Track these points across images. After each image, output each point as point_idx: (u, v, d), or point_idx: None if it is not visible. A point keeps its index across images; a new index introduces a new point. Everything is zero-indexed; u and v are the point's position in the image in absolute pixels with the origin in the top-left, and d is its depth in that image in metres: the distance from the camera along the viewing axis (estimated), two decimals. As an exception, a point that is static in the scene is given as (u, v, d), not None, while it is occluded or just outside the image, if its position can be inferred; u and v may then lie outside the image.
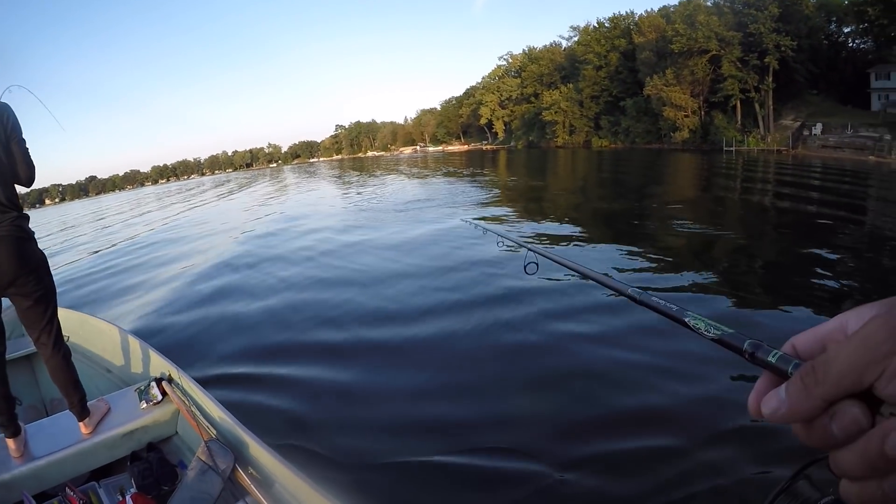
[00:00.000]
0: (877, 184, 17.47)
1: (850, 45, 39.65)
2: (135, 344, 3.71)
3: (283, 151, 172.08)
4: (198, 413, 2.75)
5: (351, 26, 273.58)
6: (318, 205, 18.93)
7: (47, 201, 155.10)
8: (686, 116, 38.41)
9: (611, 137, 47.83)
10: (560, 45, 63.34)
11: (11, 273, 2.42)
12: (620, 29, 51.61)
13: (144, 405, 2.95)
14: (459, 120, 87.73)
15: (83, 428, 2.74)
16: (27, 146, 2.59)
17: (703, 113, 38.86)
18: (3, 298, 2.56)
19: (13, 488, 2.45)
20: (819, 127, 32.00)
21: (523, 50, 69.11)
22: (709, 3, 40.01)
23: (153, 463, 2.74)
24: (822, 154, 29.15)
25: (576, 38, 57.78)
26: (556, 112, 53.47)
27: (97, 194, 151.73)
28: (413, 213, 13.52)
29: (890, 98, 32.47)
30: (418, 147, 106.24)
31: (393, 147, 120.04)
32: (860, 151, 27.70)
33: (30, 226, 2.56)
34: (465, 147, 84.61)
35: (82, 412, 2.74)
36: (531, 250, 1.38)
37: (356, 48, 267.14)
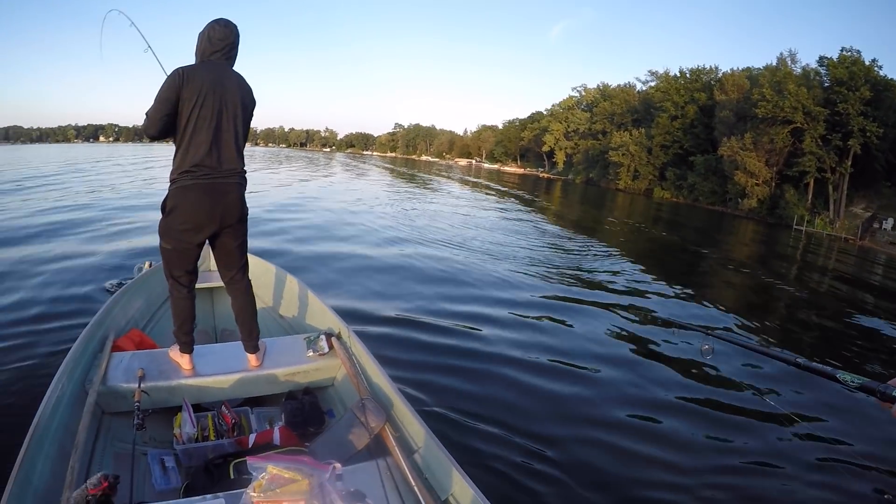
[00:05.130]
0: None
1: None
2: (310, 298, 3.95)
3: (338, 138, 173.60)
4: (359, 370, 2.90)
5: (423, 28, 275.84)
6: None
7: (101, 138, 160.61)
8: (757, 185, 37.25)
9: (674, 190, 46.72)
10: (634, 86, 62.75)
11: (235, 216, 2.76)
12: (702, 82, 50.77)
13: (311, 353, 3.13)
14: (520, 142, 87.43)
15: (252, 360, 3.00)
16: None
17: (773, 184, 37.60)
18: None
19: (178, 394, 2.74)
20: (890, 222, 31.17)
21: (598, 85, 68.71)
22: (797, 72, 38.98)
23: (305, 405, 2.90)
24: (890, 251, 28.01)
25: (652, 83, 56.91)
26: (623, 154, 52.56)
27: (150, 141, 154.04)
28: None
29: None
30: (474, 161, 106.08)
31: (448, 156, 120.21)
32: (929, 255, 26.70)
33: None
34: (521, 170, 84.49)
35: (254, 347, 3.01)
36: (709, 334, 1.61)
37: (425, 51, 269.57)
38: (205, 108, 2.56)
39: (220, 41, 2.68)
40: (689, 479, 3.46)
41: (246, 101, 2.74)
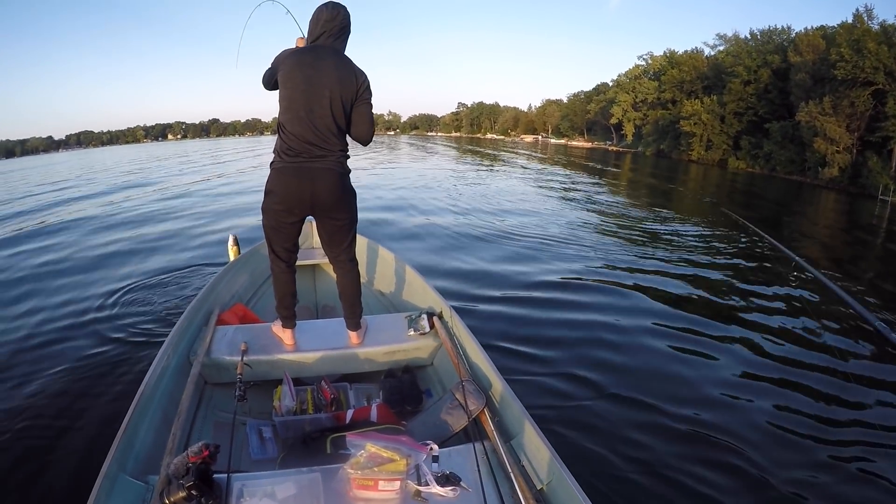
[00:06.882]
0: None
1: None
2: (412, 277, 3.94)
3: (402, 121, 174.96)
4: (459, 351, 2.87)
5: (482, 4, 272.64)
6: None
7: (169, 136, 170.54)
8: (837, 152, 35.72)
9: (749, 160, 45.01)
10: (702, 52, 60.40)
11: (333, 200, 2.73)
12: (774, 44, 48.71)
13: (412, 332, 3.13)
14: (586, 115, 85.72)
15: (353, 337, 3.04)
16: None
17: (855, 151, 35.83)
18: (308, 218, 2.86)
19: (279, 368, 2.84)
20: (985, 192, 28.91)
21: (664, 52, 66.57)
22: (876, 28, 36.83)
23: (404, 383, 2.96)
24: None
25: (721, 47, 54.77)
26: (694, 123, 50.94)
27: (217, 136, 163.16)
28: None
29: None
30: (540, 137, 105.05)
31: (513, 133, 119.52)
32: None
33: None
34: (589, 144, 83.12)
35: (356, 325, 3.05)
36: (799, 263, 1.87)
37: (485, 27, 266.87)
38: (296, 92, 2.60)
39: (327, 23, 2.70)
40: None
41: (346, 83, 2.66)
